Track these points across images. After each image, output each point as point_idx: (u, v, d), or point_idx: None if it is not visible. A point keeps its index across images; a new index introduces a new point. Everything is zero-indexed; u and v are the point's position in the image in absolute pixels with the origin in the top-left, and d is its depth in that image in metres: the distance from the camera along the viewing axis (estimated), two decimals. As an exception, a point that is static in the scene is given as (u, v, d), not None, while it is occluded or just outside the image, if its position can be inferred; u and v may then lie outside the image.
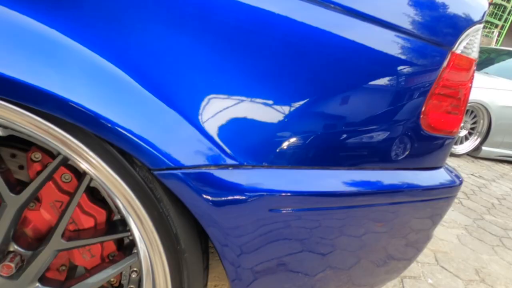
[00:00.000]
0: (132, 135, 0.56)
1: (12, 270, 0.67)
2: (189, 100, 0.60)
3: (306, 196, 0.74)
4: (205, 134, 0.62)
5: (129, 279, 0.78)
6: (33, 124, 0.53)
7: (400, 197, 0.89)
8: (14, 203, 0.63)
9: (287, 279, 0.83)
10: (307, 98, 0.70)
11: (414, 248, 1.08)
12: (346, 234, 0.84)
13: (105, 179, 0.58)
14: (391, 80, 0.79)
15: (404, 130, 0.85)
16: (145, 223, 0.61)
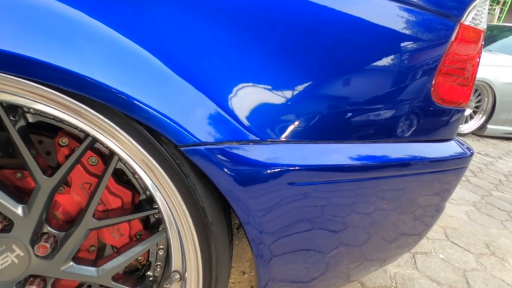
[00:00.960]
0: (159, 113, 0.58)
1: (47, 250, 0.70)
2: (212, 80, 0.63)
3: (323, 169, 0.76)
4: (227, 111, 0.65)
5: (156, 257, 0.81)
6: (68, 107, 0.56)
7: (414, 168, 0.91)
8: (47, 185, 0.66)
9: (305, 255, 0.86)
10: (320, 75, 0.72)
11: (428, 219, 1.10)
12: (361, 208, 0.87)
13: (135, 156, 0.60)
14: (401, 54, 0.81)
15: (416, 103, 0.87)
16: (174, 198, 0.63)
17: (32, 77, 0.53)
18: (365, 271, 1.17)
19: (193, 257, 0.68)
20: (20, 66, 0.52)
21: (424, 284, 1.61)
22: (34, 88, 0.54)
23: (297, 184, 0.74)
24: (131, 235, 0.79)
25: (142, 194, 0.76)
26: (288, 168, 0.71)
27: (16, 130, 0.61)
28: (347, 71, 0.74)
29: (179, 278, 0.73)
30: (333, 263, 0.97)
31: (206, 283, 0.70)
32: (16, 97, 0.56)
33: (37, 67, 0.52)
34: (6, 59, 0.51)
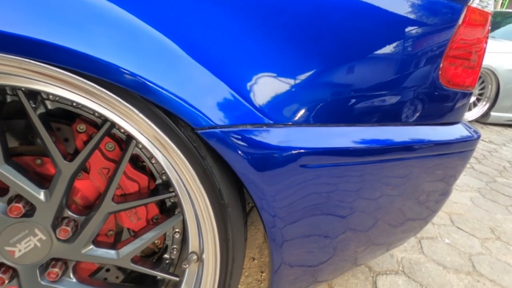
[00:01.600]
0: (176, 96, 0.60)
1: (68, 233, 0.72)
2: (227, 64, 0.64)
3: (334, 152, 0.78)
4: (241, 95, 0.66)
5: (172, 240, 0.83)
6: (88, 92, 0.57)
7: (423, 151, 0.93)
8: (68, 170, 0.67)
9: (315, 238, 0.88)
10: (330, 60, 0.73)
11: (436, 202, 1.12)
12: (371, 191, 0.89)
13: (153, 139, 0.62)
14: (410, 37, 0.81)
15: (424, 86, 0.88)
16: (192, 180, 0.65)
17: (53, 62, 0.54)
18: (372, 255, 1.20)
19: (210, 238, 0.70)
20: (42, 51, 0.53)
21: (431, 268, 1.64)
22: (56, 73, 0.55)
23: (309, 166, 0.76)
24: (148, 219, 0.81)
25: (158, 179, 0.78)
26: (300, 150, 0.73)
27: (37, 116, 0.63)
28: (355, 56, 0.75)
29: (197, 259, 0.75)
30: (341, 247, 0.99)
31: (223, 263, 0.73)
32: (37, 82, 0.58)
33: (57, 52, 0.53)
34: (28, 45, 0.52)
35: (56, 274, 0.74)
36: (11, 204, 0.68)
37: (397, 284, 1.50)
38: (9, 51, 0.52)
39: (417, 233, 1.27)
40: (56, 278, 0.75)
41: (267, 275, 1.45)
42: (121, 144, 0.76)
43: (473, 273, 1.64)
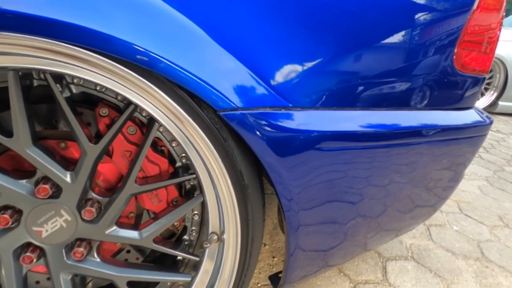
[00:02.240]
0: (199, 79, 0.61)
1: (93, 214, 0.74)
2: (248, 48, 0.65)
3: (350, 135, 0.79)
4: (262, 78, 0.67)
5: (191, 222, 0.85)
6: (114, 73, 0.59)
7: (437, 135, 0.94)
8: (93, 152, 0.69)
9: (329, 222, 0.89)
10: (347, 45, 0.74)
11: (448, 187, 1.13)
12: (385, 175, 0.90)
13: (177, 121, 0.64)
14: (425, 22, 0.82)
15: (439, 70, 0.89)
16: (214, 161, 0.67)
17: (80, 44, 0.56)
18: (381, 240, 1.22)
19: (231, 219, 0.72)
20: (70, 33, 0.55)
21: (440, 254, 1.66)
22: (83, 54, 0.57)
23: (326, 149, 0.77)
24: (168, 201, 0.84)
25: (178, 162, 0.80)
26: (317, 133, 0.74)
27: (64, 99, 0.65)
28: (372, 41, 0.76)
29: (217, 239, 0.78)
30: (352, 233, 1.01)
31: (243, 242, 0.75)
32: (64, 65, 0.59)
33: (83, 34, 0.55)
34: (56, 27, 0.54)
35: (82, 254, 0.77)
36: (38, 186, 0.71)
37: (406, 269, 1.52)
38: (37, 34, 0.54)
39: (427, 219, 1.28)
40: (81, 257, 0.78)
41: (278, 260, 1.48)
42: (142, 128, 0.78)
43: (482, 259, 1.65)
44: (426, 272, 1.52)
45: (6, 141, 0.66)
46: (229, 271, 0.77)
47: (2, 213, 0.71)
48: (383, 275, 1.47)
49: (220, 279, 0.79)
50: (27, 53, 0.57)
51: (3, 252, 0.74)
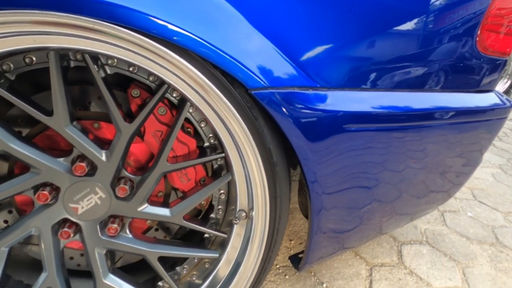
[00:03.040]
0: (232, 58, 0.63)
1: (126, 192, 0.77)
2: (279, 29, 0.67)
3: (375, 115, 0.80)
4: (291, 59, 0.69)
5: (218, 200, 0.88)
6: (149, 50, 0.61)
7: (459, 117, 0.95)
8: (127, 131, 0.72)
9: (353, 202, 0.91)
10: (372, 28, 0.75)
11: (468, 169, 1.14)
12: (406, 155, 0.91)
13: (211, 100, 0.66)
14: (449, 4, 0.82)
15: (462, 53, 0.89)
16: (245, 139, 0.69)
17: (118, 23, 0.58)
18: (398, 224, 1.24)
19: (261, 196, 0.75)
20: (107, 12, 0.57)
21: (454, 239, 1.67)
22: (123, 33, 0.59)
23: (352, 130, 0.79)
24: (196, 180, 0.86)
25: (206, 142, 0.82)
26: (343, 113, 0.76)
27: (101, 79, 0.67)
28: (398, 24, 0.77)
29: (245, 216, 0.80)
30: (367, 217, 1.03)
31: (271, 219, 0.77)
32: (103, 45, 0.62)
33: (122, 13, 0.57)
34: (96, 5, 0.56)
35: (115, 230, 0.80)
36: (75, 164, 0.74)
37: (421, 253, 1.54)
38: (74, 12, 0.56)
39: (443, 203, 1.30)
40: (115, 233, 0.81)
41: (295, 243, 1.51)
42: (171, 109, 0.80)
43: (496, 244, 1.66)
44: (441, 256, 1.54)
45: (46, 120, 0.68)
46: (257, 247, 0.80)
47: (41, 190, 0.74)
48: (398, 259, 1.49)
49: (248, 255, 0.81)
50: (68, 32, 0.59)
51: (42, 227, 0.77)
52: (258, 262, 0.81)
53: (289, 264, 1.38)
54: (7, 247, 0.76)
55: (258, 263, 0.81)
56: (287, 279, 1.31)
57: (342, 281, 1.33)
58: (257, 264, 0.81)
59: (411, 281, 1.37)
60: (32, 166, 0.72)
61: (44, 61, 0.70)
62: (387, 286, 1.33)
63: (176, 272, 0.92)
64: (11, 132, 0.69)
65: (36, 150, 0.72)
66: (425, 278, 1.39)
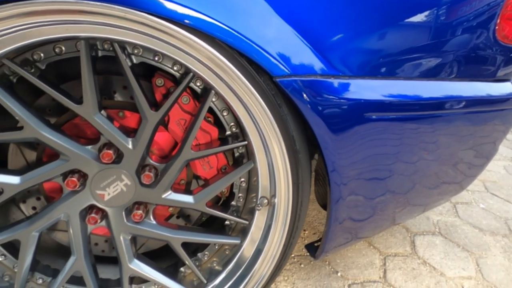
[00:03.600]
0: (259, 46, 0.64)
1: (151, 179, 0.79)
2: (302, 18, 0.68)
3: (395, 104, 0.81)
4: (314, 47, 0.70)
5: (239, 188, 0.90)
6: (176, 38, 0.62)
7: (478, 106, 0.95)
8: (153, 119, 0.74)
9: (372, 191, 0.92)
10: (394, 18, 0.75)
11: (483, 158, 1.15)
12: (425, 145, 0.92)
13: (237, 87, 0.67)
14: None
15: (481, 41, 0.89)
16: (270, 127, 0.71)
17: (146, 10, 0.59)
18: (411, 215, 1.24)
19: (283, 183, 0.76)
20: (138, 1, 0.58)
21: (467, 230, 1.68)
22: (153, 22, 0.61)
23: (372, 118, 0.79)
24: (218, 168, 0.88)
25: (227, 130, 0.83)
26: (363, 102, 0.77)
27: (129, 68, 0.69)
28: (417, 13, 0.77)
29: (267, 202, 0.82)
30: (383, 207, 1.04)
31: (294, 205, 0.79)
32: (133, 34, 0.63)
33: (149, 2, 0.58)
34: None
35: (140, 216, 0.83)
36: (103, 151, 0.76)
37: (434, 244, 1.55)
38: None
39: (458, 194, 1.30)
40: (140, 219, 0.83)
41: (309, 233, 1.53)
42: (194, 98, 0.82)
43: (509, 235, 1.67)
44: (454, 247, 1.55)
45: (76, 108, 0.70)
46: (279, 233, 0.82)
47: (70, 177, 0.76)
48: (412, 249, 1.50)
49: (270, 241, 0.83)
50: (99, 21, 0.61)
51: (71, 213, 0.80)
52: (280, 248, 0.83)
53: (303, 253, 1.40)
54: (38, 232, 0.79)
55: (280, 249, 0.83)
56: (302, 267, 1.33)
57: (357, 270, 1.35)
58: (279, 250, 0.83)
59: (424, 270, 1.38)
60: (62, 153, 0.74)
61: (72, 50, 0.72)
62: (401, 275, 1.35)
63: (198, 258, 0.94)
64: (43, 121, 0.71)
65: (65, 138, 0.74)
66: (438, 268, 1.40)
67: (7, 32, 0.59)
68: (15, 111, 0.67)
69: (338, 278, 1.30)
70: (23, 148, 0.84)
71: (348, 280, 1.30)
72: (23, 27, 0.59)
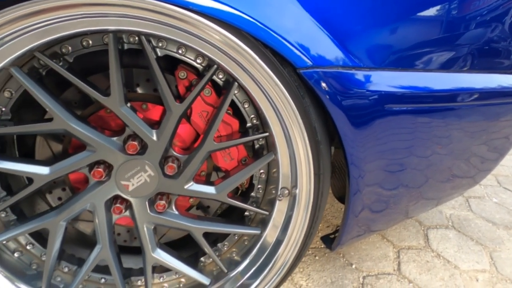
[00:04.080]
0: (283, 38, 0.65)
1: (174, 170, 0.81)
2: (325, 9, 0.68)
3: (415, 96, 0.81)
4: (336, 39, 0.71)
5: (258, 180, 0.91)
6: (201, 29, 0.64)
7: (497, 98, 0.95)
8: (178, 110, 0.75)
9: (391, 183, 0.93)
10: (415, 10, 0.76)
11: (497, 152, 1.15)
12: (446, 137, 0.92)
13: (262, 79, 0.69)
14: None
15: (504, 33, 0.89)
16: (293, 118, 0.72)
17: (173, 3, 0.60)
18: (424, 209, 1.25)
19: (305, 173, 0.78)
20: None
21: (480, 224, 1.68)
22: (179, 14, 0.62)
23: (393, 110, 0.80)
24: (239, 160, 0.89)
25: (248, 122, 0.85)
26: (384, 93, 0.77)
27: (155, 60, 0.70)
28: (439, 2, 0.77)
29: (288, 193, 0.83)
30: (400, 200, 1.04)
31: (315, 196, 0.80)
32: (160, 27, 0.64)
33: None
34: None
35: (163, 206, 0.84)
36: (128, 142, 0.77)
37: (448, 237, 1.56)
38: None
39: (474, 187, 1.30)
40: (163, 209, 0.85)
41: (322, 226, 1.54)
42: (216, 90, 0.83)
43: (523, 229, 1.66)
44: (468, 240, 1.55)
45: (104, 100, 0.72)
46: (300, 223, 0.83)
47: (97, 167, 0.78)
48: (425, 242, 1.51)
49: (290, 232, 0.85)
50: (129, 14, 0.62)
51: (97, 203, 0.82)
52: (300, 238, 0.84)
53: (318, 245, 1.41)
54: (65, 221, 0.81)
55: (300, 239, 0.84)
56: (317, 259, 1.34)
57: (371, 262, 1.36)
58: (299, 240, 0.84)
59: (438, 263, 1.39)
60: (89, 144, 0.76)
61: (99, 44, 0.74)
62: (415, 267, 1.35)
63: (218, 248, 0.96)
64: (71, 113, 0.73)
65: (92, 129, 0.76)
66: (452, 261, 1.41)
67: (42, 25, 0.60)
68: (46, 103, 0.69)
69: (352, 270, 1.31)
70: (50, 140, 0.87)
71: (362, 272, 1.31)
72: (56, 20, 0.60)
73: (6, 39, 0.60)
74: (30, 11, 0.58)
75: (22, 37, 0.61)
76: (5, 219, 0.82)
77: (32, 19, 0.59)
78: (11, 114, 0.76)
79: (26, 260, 0.87)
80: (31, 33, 0.61)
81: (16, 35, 0.60)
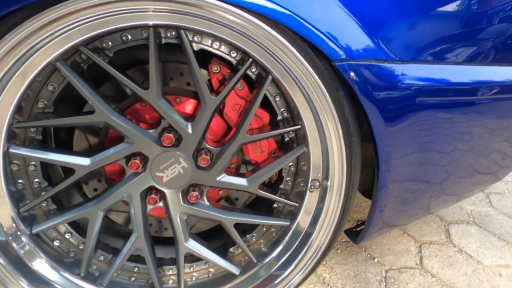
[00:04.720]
0: (319, 31, 0.67)
1: (207, 162, 0.83)
2: (360, 5, 0.69)
3: (448, 89, 0.82)
4: (370, 32, 0.72)
5: (288, 172, 0.93)
6: (250, 29, 0.66)
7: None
8: (212, 103, 0.77)
9: (420, 176, 0.93)
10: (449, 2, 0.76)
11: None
12: (475, 130, 0.92)
13: (298, 72, 0.70)
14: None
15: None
16: (328, 110, 0.73)
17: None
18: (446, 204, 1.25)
19: (338, 166, 0.79)
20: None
21: (502, 220, 1.66)
22: (217, 8, 0.64)
23: (426, 102, 0.80)
24: (269, 153, 0.91)
25: (279, 115, 0.86)
26: (417, 86, 0.78)
27: (193, 54, 0.72)
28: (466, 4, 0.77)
29: (319, 185, 0.85)
30: (427, 195, 1.04)
31: (346, 187, 0.81)
32: (199, 21, 0.66)
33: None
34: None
35: (196, 197, 0.87)
36: (164, 134, 0.80)
37: (469, 233, 1.55)
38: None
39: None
40: (196, 200, 0.87)
41: (344, 220, 1.54)
42: (248, 84, 0.85)
43: (546, 225, 1.64)
44: (490, 236, 1.54)
45: (142, 93, 0.74)
46: (331, 215, 0.84)
47: (133, 159, 0.81)
48: (446, 237, 1.51)
49: (321, 224, 0.86)
50: (173, 9, 0.64)
51: (133, 193, 0.85)
52: (331, 230, 0.86)
53: (340, 239, 1.42)
54: (103, 211, 0.84)
55: (331, 231, 0.86)
56: (339, 253, 1.35)
57: (393, 257, 1.36)
58: (330, 232, 0.86)
59: (461, 258, 1.39)
60: (127, 136, 0.79)
61: (137, 38, 0.76)
62: (438, 262, 1.35)
63: (246, 239, 0.98)
64: (111, 106, 0.75)
65: (130, 122, 0.78)
66: (475, 256, 1.41)
67: (88, 20, 0.63)
68: (89, 96, 0.72)
69: (375, 263, 1.32)
70: (87, 133, 0.90)
71: (385, 266, 1.32)
72: (102, 15, 0.63)
73: (57, 34, 0.62)
74: (79, 7, 0.60)
75: (70, 32, 0.64)
76: (46, 208, 0.86)
77: (81, 14, 0.62)
78: (53, 108, 0.79)
79: (65, 248, 0.91)
80: (79, 27, 0.64)
81: (65, 30, 0.63)
